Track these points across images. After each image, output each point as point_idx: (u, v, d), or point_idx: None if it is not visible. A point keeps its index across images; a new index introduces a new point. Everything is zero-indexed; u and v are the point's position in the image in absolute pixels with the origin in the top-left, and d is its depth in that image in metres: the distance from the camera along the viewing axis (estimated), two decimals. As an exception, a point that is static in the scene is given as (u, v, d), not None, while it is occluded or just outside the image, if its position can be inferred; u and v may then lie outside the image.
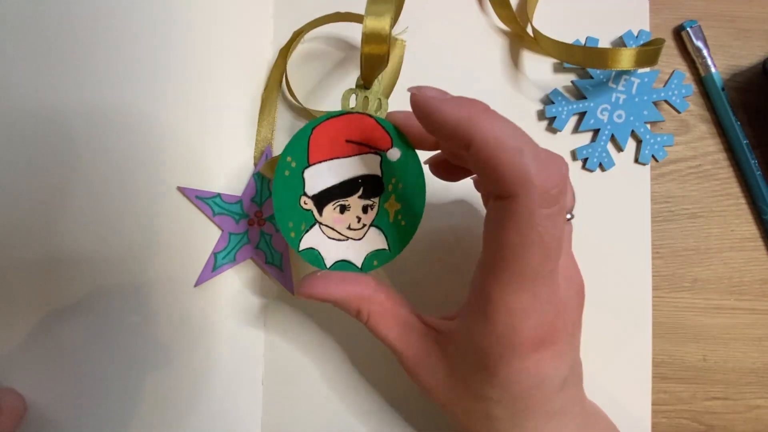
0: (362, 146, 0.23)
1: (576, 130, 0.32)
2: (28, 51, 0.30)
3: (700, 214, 0.33)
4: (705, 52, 0.32)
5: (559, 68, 0.32)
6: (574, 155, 0.32)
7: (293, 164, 0.23)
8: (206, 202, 0.30)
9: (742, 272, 0.32)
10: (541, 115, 0.32)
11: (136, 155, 0.30)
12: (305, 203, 0.24)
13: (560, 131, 0.32)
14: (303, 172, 0.23)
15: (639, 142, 0.32)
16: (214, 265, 0.30)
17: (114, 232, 0.30)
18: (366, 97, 0.23)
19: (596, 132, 0.32)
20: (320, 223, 0.24)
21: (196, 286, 0.30)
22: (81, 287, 0.30)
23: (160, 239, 0.30)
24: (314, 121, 0.23)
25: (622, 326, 0.32)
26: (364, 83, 0.23)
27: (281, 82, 0.31)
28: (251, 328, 0.31)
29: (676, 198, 0.32)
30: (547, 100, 0.32)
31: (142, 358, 0.30)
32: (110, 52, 0.30)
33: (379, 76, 0.23)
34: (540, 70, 0.32)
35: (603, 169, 0.32)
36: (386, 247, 0.24)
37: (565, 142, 0.32)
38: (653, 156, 0.32)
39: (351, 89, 0.23)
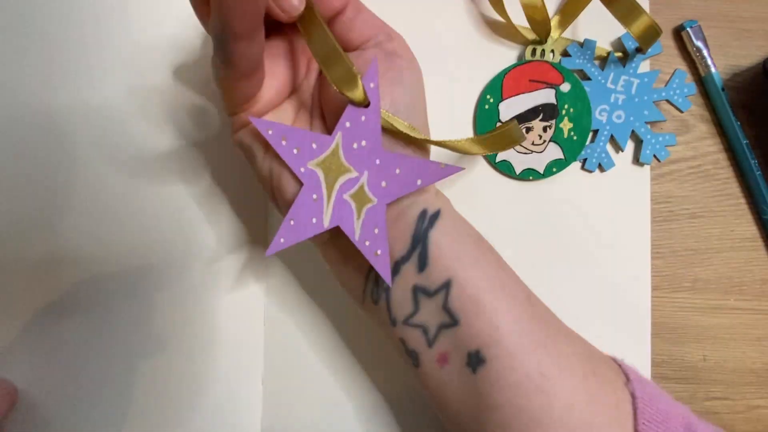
0: (541, 83, 0.31)
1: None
2: (29, 51, 0.30)
3: (700, 214, 0.32)
4: (705, 52, 0.32)
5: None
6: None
7: (491, 99, 0.31)
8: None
9: (742, 272, 0.32)
10: None
11: (136, 154, 0.30)
12: None
13: None
14: (498, 105, 0.31)
15: (640, 142, 0.32)
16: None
17: (114, 232, 0.30)
18: (543, 49, 0.31)
19: (595, 132, 0.32)
20: None
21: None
22: (81, 286, 0.30)
23: (160, 239, 0.30)
24: (506, 68, 0.31)
25: (622, 326, 0.32)
26: (538, 40, 0.31)
27: None
28: (251, 328, 0.31)
29: (676, 198, 0.32)
30: None
31: (143, 358, 0.30)
32: (110, 52, 0.30)
33: (553, 34, 0.31)
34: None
35: (602, 170, 0.32)
36: (562, 157, 0.31)
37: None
38: (655, 156, 0.32)
39: (531, 45, 0.31)
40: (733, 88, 0.33)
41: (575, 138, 0.31)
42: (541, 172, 0.31)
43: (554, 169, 0.31)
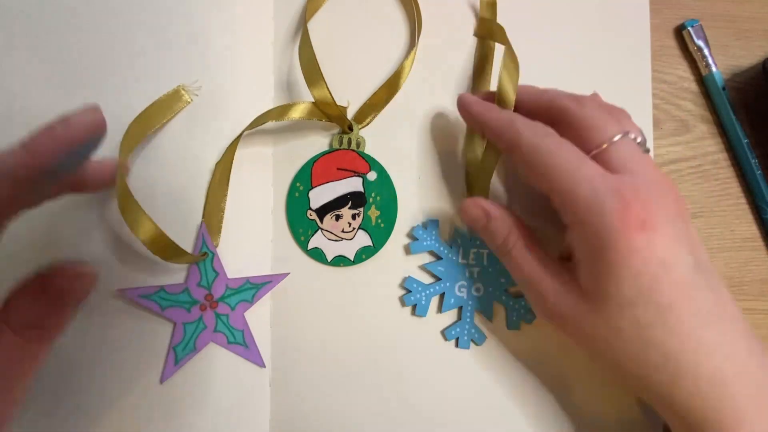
0: (348, 172, 0.31)
1: (440, 310, 0.31)
2: (30, 55, 0.30)
3: (700, 214, 0.33)
4: (706, 51, 0.32)
5: (407, 251, 0.31)
6: (444, 336, 0.31)
7: (301, 187, 0.31)
8: (151, 299, 0.29)
9: (742, 272, 0.32)
10: (404, 302, 0.31)
11: (151, 154, 0.30)
12: (311, 215, 0.31)
13: (425, 317, 0.31)
14: (308, 193, 0.31)
15: (506, 308, 0.31)
16: (176, 359, 0.29)
17: (119, 230, 0.30)
18: (349, 138, 0.32)
19: (460, 309, 0.31)
20: (322, 229, 0.31)
21: (161, 383, 0.29)
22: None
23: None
24: (314, 156, 0.31)
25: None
26: (343, 130, 0.32)
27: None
28: (258, 330, 0.31)
29: (676, 199, 0.32)
30: (405, 289, 0.31)
31: (148, 360, 0.30)
32: (137, 59, 0.30)
33: (357, 124, 0.32)
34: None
35: (476, 344, 0.31)
36: (371, 244, 0.31)
37: (434, 324, 0.31)
38: (523, 320, 0.31)
39: (338, 134, 0.32)
40: (733, 87, 0.33)
41: (383, 226, 0.31)
42: (351, 259, 0.31)
43: (363, 256, 0.31)
